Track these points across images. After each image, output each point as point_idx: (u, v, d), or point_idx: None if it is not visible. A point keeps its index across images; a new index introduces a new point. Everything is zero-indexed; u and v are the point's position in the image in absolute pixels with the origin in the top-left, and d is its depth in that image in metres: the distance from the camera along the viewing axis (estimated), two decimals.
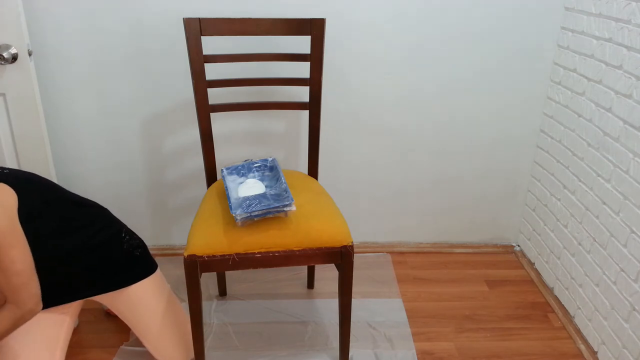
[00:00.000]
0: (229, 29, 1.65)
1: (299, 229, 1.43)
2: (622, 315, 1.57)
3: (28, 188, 1.28)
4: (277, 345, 1.75)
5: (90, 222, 1.42)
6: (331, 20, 1.85)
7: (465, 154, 2.13)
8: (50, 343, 1.43)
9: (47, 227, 1.30)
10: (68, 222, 1.36)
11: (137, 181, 2.10)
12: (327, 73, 1.95)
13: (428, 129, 2.08)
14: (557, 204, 1.97)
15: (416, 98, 2.03)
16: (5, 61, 1.70)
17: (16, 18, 1.69)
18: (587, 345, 1.75)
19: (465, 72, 1.99)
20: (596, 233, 1.72)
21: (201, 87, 1.65)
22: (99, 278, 1.44)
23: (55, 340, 1.44)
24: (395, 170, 2.16)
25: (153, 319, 1.51)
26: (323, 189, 1.68)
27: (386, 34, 1.91)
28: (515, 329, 1.86)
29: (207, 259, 1.40)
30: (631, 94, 1.54)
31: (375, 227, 2.27)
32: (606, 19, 1.66)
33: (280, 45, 1.75)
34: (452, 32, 1.92)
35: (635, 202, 1.52)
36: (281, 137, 2.07)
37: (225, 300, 1.97)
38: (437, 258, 2.26)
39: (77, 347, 1.72)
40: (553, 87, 2.00)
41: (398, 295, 2.01)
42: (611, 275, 1.63)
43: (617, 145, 1.61)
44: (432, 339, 1.80)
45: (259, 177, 1.60)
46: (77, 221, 1.38)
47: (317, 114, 1.72)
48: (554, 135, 2.00)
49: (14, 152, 1.87)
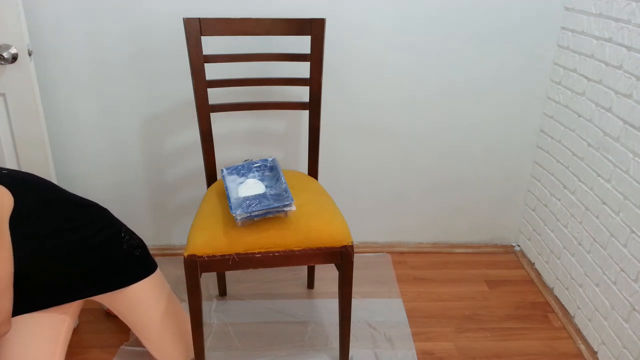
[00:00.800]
0: (229, 29, 1.65)
1: (299, 229, 1.43)
2: (622, 315, 1.57)
3: (25, 188, 1.27)
4: (277, 345, 1.75)
5: (90, 222, 1.42)
6: (331, 20, 1.85)
7: (465, 153, 2.13)
8: (50, 343, 1.43)
9: (45, 227, 1.30)
10: (67, 222, 1.35)
11: (137, 181, 2.10)
12: (327, 73, 1.95)
13: (428, 129, 2.08)
14: (557, 204, 1.97)
15: (416, 98, 2.03)
16: (5, 61, 1.70)
17: (16, 18, 1.69)
18: (587, 345, 1.75)
19: (465, 72, 1.99)
20: (596, 233, 1.72)
21: (201, 87, 1.65)
22: (98, 278, 1.44)
23: (55, 340, 1.44)
24: (396, 170, 2.16)
25: (153, 319, 1.51)
26: (323, 189, 1.68)
27: (386, 34, 1.92)
28: (515, 329, 1.86)
29: (207, 259, 1.40)
30: (631, 94, 1.54)
31: (375, 227, 2.27)
32: (606, 19, 1.66)
33: (281, 45, 1.75)
34: (452, 32, 1.92)
35: (635, 202, 1.52)
36: (281, 137, 2.07)
37: (225, 300, 1.97)
38: (437, 258, 2.26)
39: (77, 347, 1.72)
40: (553, 87, 2.00)
41: (398, 295, 2.01)
42: (611, 275, 1.63)
43: (617, 145, 1.61)
44: (432, 339, 1.80)
45: (259, 177, 1.60)
46: (76, 221, 1.38)
47: (317, 114, 1.72)
48: (554, 135, 2.00)
49: (14, 152, 1.87)
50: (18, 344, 1.37)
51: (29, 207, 1.25)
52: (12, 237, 1.21)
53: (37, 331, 1.41)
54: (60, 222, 1.34)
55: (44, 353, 1.40)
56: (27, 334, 1.40)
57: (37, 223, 1.28)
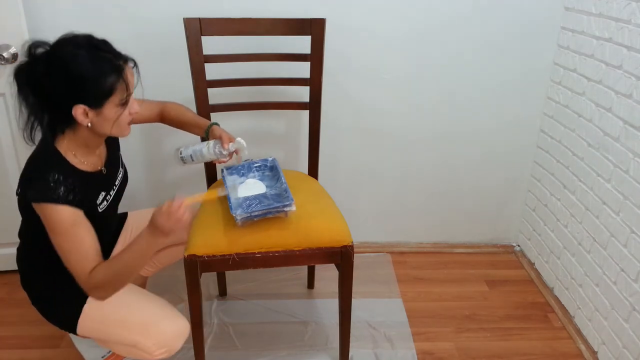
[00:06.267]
0: (229, 29, 1.65)
1: (299, 229, 1.43)
2: (622, 315, 1.57)
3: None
4: (277, 345, 1.75)
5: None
6: (331, 20, 1.85)
7: (465, 153, 2.13)
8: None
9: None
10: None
11: (137, 181, 2.10)
12: (327, 73, 1.95)
13: (428, 129, 2.08)
14: (557, 204, 1.97)
15: (416, 98, 2.03)
16: (6, 61, 1.70)
17: (16, 18, 1.69)
18: (587, 345, 1.74)
19: (465, 72, 1.99)
20: (596, 233, 1.72)
21: (201, 87, 1.65)
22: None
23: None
24: (396, 170, 2.15)
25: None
26: (323, 189, 1.68)
27: (386, 34, 1.91)
28: (515, 329, 1.86)
29: (207, 258, 1.40)
30: (631, 94, 1.54)
31: (375, 227, 2.27)
32: (606, 19, 1.66)
33: (281, 45, 1.75)
34: (453, 32, 1.92)
35: (635, 202, 1.52)
36: (281, 137, 2.07)
37: (225, 300, 1.97)
38: (437, 258, 2.26)
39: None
40: (553, 87, 2.00)
41: (398, 295, 2.01)
42: (611, 275, 1.63)
43: (617, 145, 1.61)
44: (432, 339, 1.80)
45: (259, 177, 1.60)
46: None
47: (317, 114, 1.72)
48: (554, 135, 2.00)
49: (14, 152, 1.87)
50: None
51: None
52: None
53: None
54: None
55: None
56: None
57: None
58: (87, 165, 1.29)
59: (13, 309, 1.90)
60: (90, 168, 1.30)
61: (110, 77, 1.17)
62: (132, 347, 1.33)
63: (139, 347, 1.31)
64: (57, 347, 1.74)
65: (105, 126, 1.22)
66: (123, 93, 1.20)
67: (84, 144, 1.26)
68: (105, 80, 1.16)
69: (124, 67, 1.20)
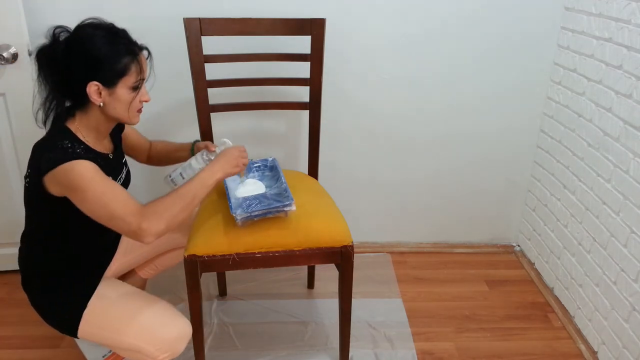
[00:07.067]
0: (229, 29, 1.65)
1: (299, 229, 1.43)
2: (622, 315, 1.57)
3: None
4: (277, 345, 1.75)
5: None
6: (331, 20, 1.85)
7: (465, 153, 2.13)
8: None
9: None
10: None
11: (136, 181, 2.09)
12: (327, 73, 1.95)
13: (428, 128, 2.08)
14: (557, 204, 1.97)
15: (416, 98, 2.03)
16: (6, 61, 1.70)
17: (16, 18, 1.69)
18: (587, 345, 1.74)
19: (466, 72, 1.99)
20: (596, 233, 1.72)
21: (201, 87, 1.65)
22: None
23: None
24: (396, 171, 2.16)
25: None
26: (323, 189, 1.68)
27: (386, 34, 1.92)
28: (515, 329, 1.86)
29: (207, 258, 1.40)
30: (631, 94, 1.54)
31: (375, 227, 2.27)
32: (606, 19, 1.66)
33: (281, 45, 1.75)
34: (452, 32, 1.92)
35: (635, 202, 1.52)
36: (281, 137, 2.07)
37: (225, 300, 1.97)
38: (437, 258, 2.26)
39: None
40: (553, 87, 2.00)
41: (398, 295, 2.01)
42: (611, 275, 1.63)
43: (617, 145, 1.61)
44: (432, 339, 1.80)
45: (259, 177, 1.60)
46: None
47: (317, 114, 1.72)
48: (554, 135, 2.00)
49: (14, 152, 1.87)
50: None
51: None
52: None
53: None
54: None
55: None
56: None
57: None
58: (96, 147, 1.30)
59: (13, 309, 1.90)
60: (100, 149, 1.31)
61: (125, 58, 1.21)
62: (135, 352, 1.33)
63: (142, 352, 1.31)
64: (57, 347, 1.74)
65: (117, 108, 1.24)
66: (136, 76, 1.24)
67: (95, 127, 1.28)
68: (120, 60, 1.20)
69: (139, 53, 1.25)
